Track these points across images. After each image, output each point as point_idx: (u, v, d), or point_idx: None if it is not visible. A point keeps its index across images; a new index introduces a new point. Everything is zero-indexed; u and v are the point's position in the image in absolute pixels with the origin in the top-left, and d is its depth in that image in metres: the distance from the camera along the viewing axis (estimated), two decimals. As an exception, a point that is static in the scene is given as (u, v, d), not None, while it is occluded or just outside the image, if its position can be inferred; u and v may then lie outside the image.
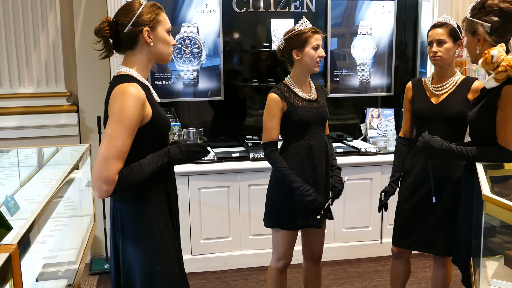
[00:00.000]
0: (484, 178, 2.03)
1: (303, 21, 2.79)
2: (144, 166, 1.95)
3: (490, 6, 2.26)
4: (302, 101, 2.79)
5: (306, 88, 2.85)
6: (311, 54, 2.74)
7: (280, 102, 2.74)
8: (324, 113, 2.85)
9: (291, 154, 2.80)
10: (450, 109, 2.74)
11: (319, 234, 2.98)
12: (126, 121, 1.86)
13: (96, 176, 1.84)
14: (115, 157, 1.84)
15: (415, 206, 2.87)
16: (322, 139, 2.85)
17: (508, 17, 2.25)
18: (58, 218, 2.80)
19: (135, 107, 1.88)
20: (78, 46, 4.07)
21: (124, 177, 1.87)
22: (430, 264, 4.13)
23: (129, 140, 1.88)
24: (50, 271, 2.53)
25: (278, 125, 2.76)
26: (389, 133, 4.62)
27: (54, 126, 4.10)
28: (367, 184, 4.23)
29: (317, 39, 2.76)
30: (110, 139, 1.85)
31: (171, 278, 2.06)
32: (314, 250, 3.02)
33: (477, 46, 2.29)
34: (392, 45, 4.76)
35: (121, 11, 2.05)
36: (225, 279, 3.98)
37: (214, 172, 4.01)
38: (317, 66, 2.78)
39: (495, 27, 2.25)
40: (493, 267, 2.14)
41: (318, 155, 2.80)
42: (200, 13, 4.32)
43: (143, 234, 2.02)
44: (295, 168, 2.78)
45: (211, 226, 4.06)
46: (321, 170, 2.82)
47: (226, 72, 4.50)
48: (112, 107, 1.89)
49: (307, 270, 3.10)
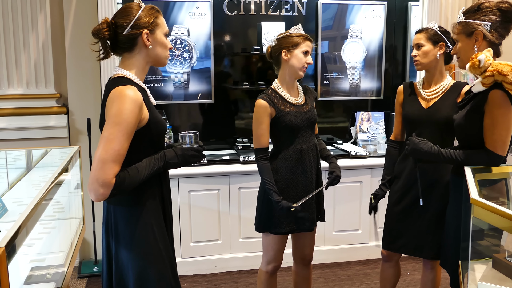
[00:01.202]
0: (472, 182, 2.04)
1: (298, 27, 2.83)
2: (141, 170, 1.94)
3: (488, 7, 2.29)
4: (290, 106, 2.80)
5: (293, 92, 2.86)
6: (300, 57, 2.76)
7: (268, 108, 2.74)
8: (313, 117, 2.85)
9: (281, 159, 2.80)
10: (440, 113, 2.76)
11: (309, 238, 2.99)
12: (124, 124, 1.86)
13: (93, 179, 1.83)
14: (112, 160, 1.83)
15: (405, 209, 2.88)
16: (312, 143, 2.85)
17: (507, 15, 2.28)
18: (47, 220, 2.78)
19: (133, 110, 1.88)
20: (68, 47, 4.05)
21: (121, 181, 1.86)
22: (419, 267, 4.15)
23: (126, 143, 1.87)
24: (38, 274, 2.51)
25: (267, 131, 2.77)
26: (379, 136, 4.64)
27: (43, 128, 4.07)
28: (357, 187, 4.25)
29: (308, 45, 2.78)
30: (107, 142, 1.84)
31: (164, 282, 2.05)
32: (304, 253, 3.02)
33: (475, 45, 2.31)
34: (382, 49, 4.78)
35: (120, 13, 2.04)
36: (215, 282, 3.97)
37: (204, 175, 4.00)
38: (302, 70, 2.79)
39: (495, 26, 2.28)
40: (481, 270, 2.15)
41: (308, 159, 2.81)
42: (191, 15, 4.31)
43: (137, 238, 2.01)
44: (285, 172, 2.79)
45: (201, 229, 4.05)
46: (311, 174, 2.83)
47: (216, 75, 4.49)
48: (110, 110, 1.89)
49: (297, 273, 3.10)
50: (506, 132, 2.21)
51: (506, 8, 2.28)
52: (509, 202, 2.32)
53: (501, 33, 2.30)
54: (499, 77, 2.13)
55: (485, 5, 2.30)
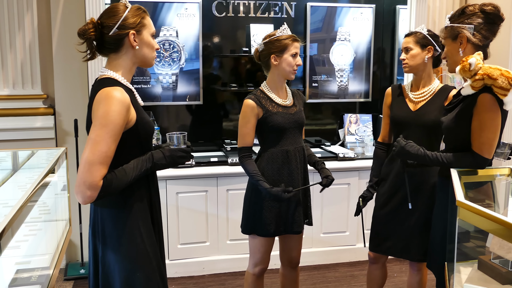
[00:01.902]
0: (458, 184, 2.05)
1: (284, 27, 2.81)
2: (128, 172, 1.93)
3: (471, 11, 2.31)
4: (278, 107, 2.80)
5: (282, 94, 2.86)
6: (289, 61, 2.76)
7: (255, 108, 2.75)
8: (300, 119, 2.85)
9: (267, 160, 2.81)
10: (427, 116, 2.78)
11: (296, 240, 2.98)
12: (111, 126, 1.84)
13: (80, 182, 1.81)
14: (99, 162, 1.82)
15: (391, 211, 2.90)
16: (299, 145, 2.85)
17: (491, 17, 2.30)
18: (33, 222, 2.75)
19: (120, 111, 1.86)
20: (55, 48, 4.02)
21: (108, 183, 1.85)
22: (406, 269, 4.17)
23: (113, 145, 1.86)
24: (23, 277, 2.49)
25: (252, 131, 2.78)
26: (366, 139, 4.66)
27: (29, 129, 4.04)
28: (344, 189, 4.26)
29: (296, 47, 2.78)
30: (94, 144, 1.83)
31: (151, 284, 2.04)
32: (291, 256, 3.02)
33: (460, 48, 2.33)
34: (370, 52, 4.80)
35: (106, 13, 2.02)
36: (202, 284, 3.96)
37: (192, 176, 3.99)
38: (293, 73, 2.80)
39: (478, 28, 2.29)
40: (467, 272, 2.17)
41: (294, 160, 2.81)
42: (180, 17, 4.30)
43: (125, 240, 1.99)
44: (272, 173, 2.79)
45: (188, 231, 4.03)
46: (297, 176, 2.82)
47: (205, 76, 4.49)
48: (97, 112, 1.87)
49: (285, 276, 3.10)
50: (493, 136, 2.23)
51: (490, 10, 2.29)
52: (494, 205, 2.34)
53: (485, 35, 2.32)
54: (488, 81, 2.15)
55: (469, 8, 2.32)
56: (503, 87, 2.13)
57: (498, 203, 2.36)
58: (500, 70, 2.15)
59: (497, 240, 2.19)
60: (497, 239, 2.19)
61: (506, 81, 2.13)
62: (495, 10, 2.30)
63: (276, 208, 2.78)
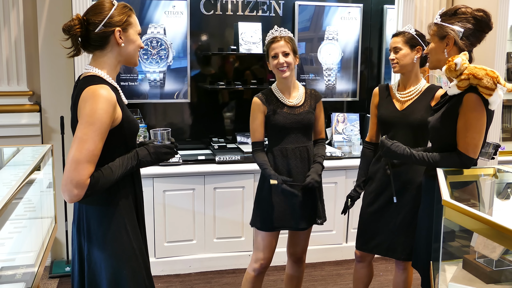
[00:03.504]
0: (444, 184, 2.07)
1: (271, 31, 2.90)
2: (114, 170, 1.93)
3: (464, 13, 2.31)
4: (283, 106, 2.89)
5: (290, 94, 2.94)
6: (272, 63, 2.87)
7: (261, 106, 2.89)
8: (305, 120, 2.91)
9: (270, 156, 2.93)
10: (414, 115, 2.80)
11: (302, 237, 3.06)
12: (98, 124, 1.84)
13: (66, 180, 1.80)
14: (86, 161, 1.81)
15: (378, 210, 2.91)
16: (302, 145, 2.91)
17: (480, 25, 2.31)
18: (17, 220, 2.73)
19: (107, 109, 1.86)
20: (42, 44, 3.99)
21: (95, 181, 1.85)
22: (392, 268, 4.19)
23: (100, 144, 1.85)
24: (7, 275, 2.47)
25: (260, 127, 2.92)
26: (354, 138, 4.68)
27: (15, 125, 4.00)
28: (331, 188, 4.27)
29: (274, 48, 2.85)
30: (81, 143, 1.82)
31: (137, 281, 2.03)
32: (296, 251, 3.10)
33: (445, 49, 2.34)
34: (358, 51, 4.82)
35: (92, 9, 2.01)
36: (188, 282, 3.95)
37: (180, 174, 3.98)
38: (280, 72, 2.86)
39: (467, 33, 2.30)
40: (452, 271, 2.19)
41: (294, 159, 2.88)
42: (168, 14, 4.29)
43: (111, 238, 1.99)
44: (273, 168, 2.87)
45: (175, 229, 4.02)
46: (297, 175, 2.87)
47: (193, 75, 4.47)
48: (83, 110, 1.86)
49: (288, 269, 3.19)
50: (479, 135, 2.25)
51: (481, 17, 2.30)
52: (479, 204, 2.36)
53: (472, 42, 2.34)
54: (474, 80, 2.17)
55: (462, 10, 2.33)
56: (488, 87, 2.15)
57: (483, 202, 2.39)
58: (485, 70, 2.17)
59: (482, 240, 2.21)
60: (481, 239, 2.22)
61: (491, 81, 2.15)
62: (486, 18, 2.31)
63: (278, 203, 2.87)
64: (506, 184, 2.53)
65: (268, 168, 2.83)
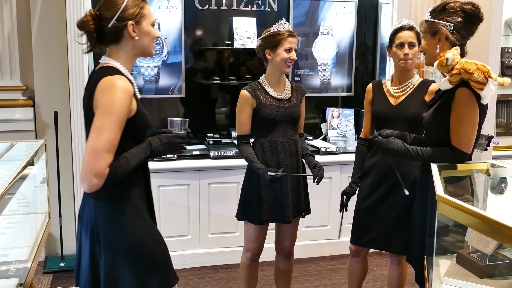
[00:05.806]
0: (438, 179, 2.07)
1: (281, 22, 2.89)
2: (130, 159, 1.93)
3: (453, 8, 2.32)
4: (272, 99, 2.90)
5: (279, 87, 2.95)
6: (282, 55, 2.84)
7: (250, 99, 2.87)
8: (294, 113, 2.93)
9: (258, 149, 2.92)
10: (408, 110, 2.80)
11: (289, 230, 3.06)
12: (117, 115, 1.84)
13: (86, 170, 1.80)
14: (106, 150, 1.81)
15: (373, 205, 2.92)
16: (291, 138, 2.93)
17: (470, 18, 2.31)
18: (11, 215, 2.72)
19: (125, 100, 1.87)
20: (35, 39, 3.96)
21: (114, 170, 1.85)
22: (386, 263, 4.20)
23: (118, 134, 1.86)
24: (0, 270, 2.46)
25: (248, 120, 2.90)
26: (348, 133, 4.68)
27: (8, 120, 3.98)
28: (326, 183, 4.27)
29: (291, 42, 2.85)
30: (100, 132, 1.82)
31: (162, 268, 2.14)
32: (284, 245, 3.11)
33: (438, 45, 2.35)
34: (352, 46, 4.81)
35: (104, 4, 1.98)
36: (183, 277, 3.95)
37: (174, 170, 3.97)
38: (287, 67, 2.88)
39: (457, 27, 2.31)
40: (446, 266, 2.20)
41: (283, 152, 2.89)
42: (162, 9, 4.27)
43: (129, 228, 1.98)
44: (261, 162, 2.87)
45: (170, 224, 4.02)
46: (286, 167, 2.88)
47: (187, 69, 4.46)
48: (101, 100, 1.86)
49: (277, 264, 3.19)
50: (471, 130, 2.25)
51: (470, 10, 2.31)
52: (473, 199, 2.36)
53: (463, 35, 2.34)
54: (465, 75, 2.17)
55: (450, 5, 2.34)
56: (479, 81, 2.16)
57: (477, 197, 2.39)
58: (476, 64, 2.17)
59: (476, 234, 2.22)
60: (475, 233, 2.22)
61: (482, 75, 2.15)
62: (475, 10, 2.32)
63: (267, 197, 2.88)
64: (500, 179, 2.54)
65: (255, 162, 2.82)
